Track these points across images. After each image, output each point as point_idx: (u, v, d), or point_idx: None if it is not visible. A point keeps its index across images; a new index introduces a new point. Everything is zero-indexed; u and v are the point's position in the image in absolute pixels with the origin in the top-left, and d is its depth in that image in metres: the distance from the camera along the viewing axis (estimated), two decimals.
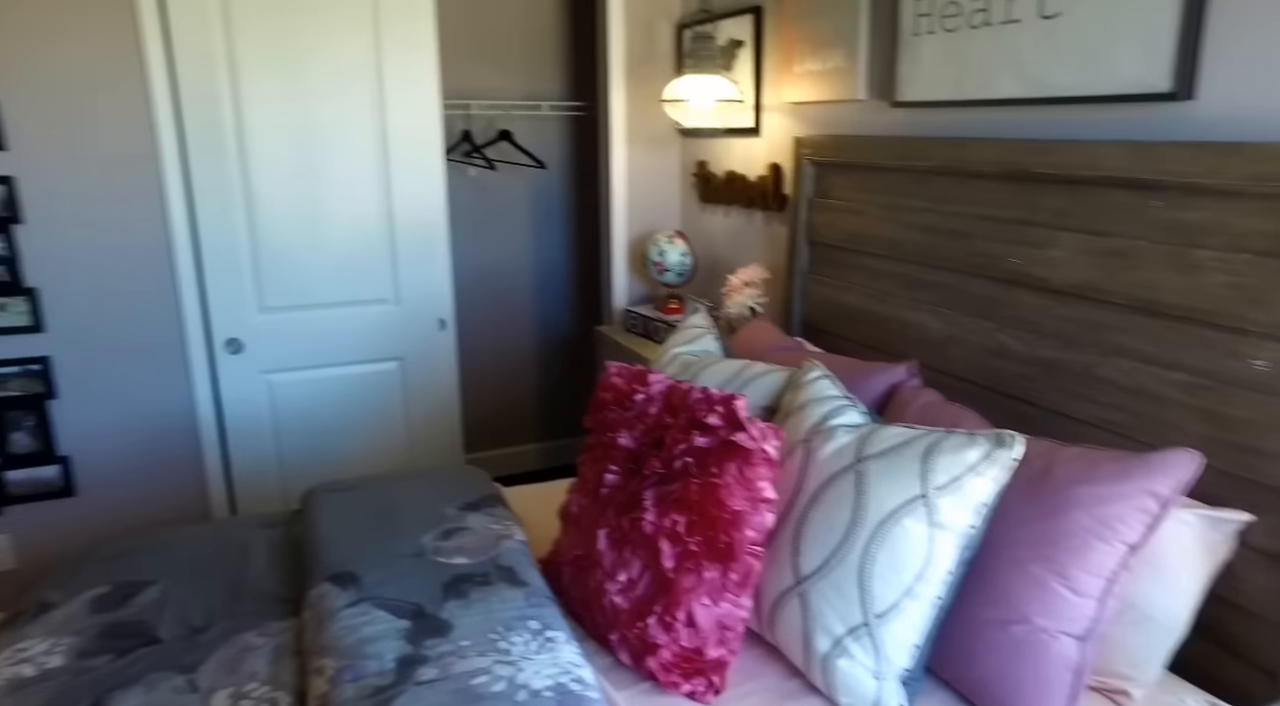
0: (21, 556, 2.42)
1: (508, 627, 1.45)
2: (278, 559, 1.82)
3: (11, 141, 2.20)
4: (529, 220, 3.49)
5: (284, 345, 2.65)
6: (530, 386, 3.65)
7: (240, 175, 2.48)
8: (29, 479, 2.38)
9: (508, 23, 3.26)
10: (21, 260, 2.27)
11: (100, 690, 1.41)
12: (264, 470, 2.69)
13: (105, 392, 2.44)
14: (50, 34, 2.19)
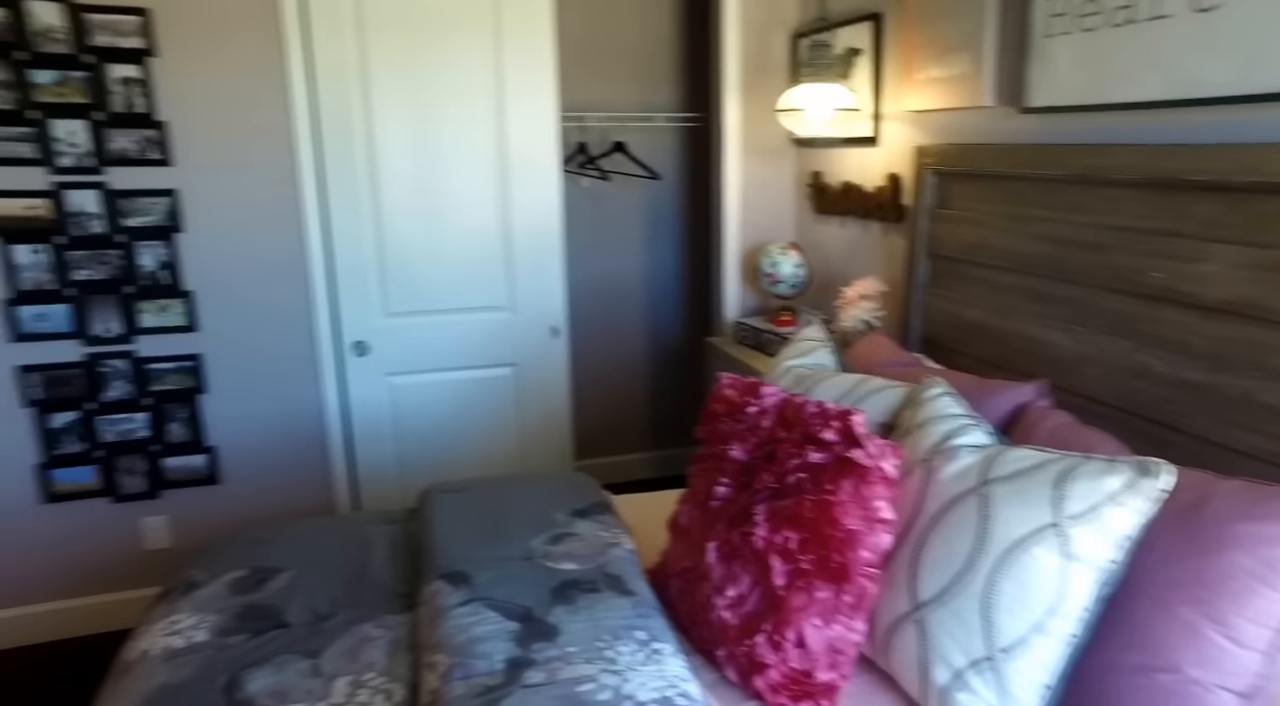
0: (176, 536, 2.63)
1: (615, 636, 1.45)
2: (396, 554, 1.90)
3: (176, 158, 2.40)
4: (641, 231, 3.53)
5: (406, 349, 2.77)
6: (640, 395, 3.67)
7: (369, 187, 2.62)
8: (182, 466, 2.59)
9: (623, 36, 3.31)
10: (181, 265, 2.47)
11: (236, 667, 1.50)
12: (385, 468, 2.82)
13: (247, 389, 2.61)
14: (210, 61, 2.38)
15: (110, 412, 2.49)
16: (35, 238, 2.32)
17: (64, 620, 2.58)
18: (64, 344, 2.41)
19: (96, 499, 2.54)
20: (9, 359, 2.37)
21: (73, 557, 2.55)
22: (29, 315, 2.36)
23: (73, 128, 2.29)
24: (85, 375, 2.44)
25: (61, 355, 2.41)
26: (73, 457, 2.48)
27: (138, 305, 2.44)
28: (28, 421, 2.43)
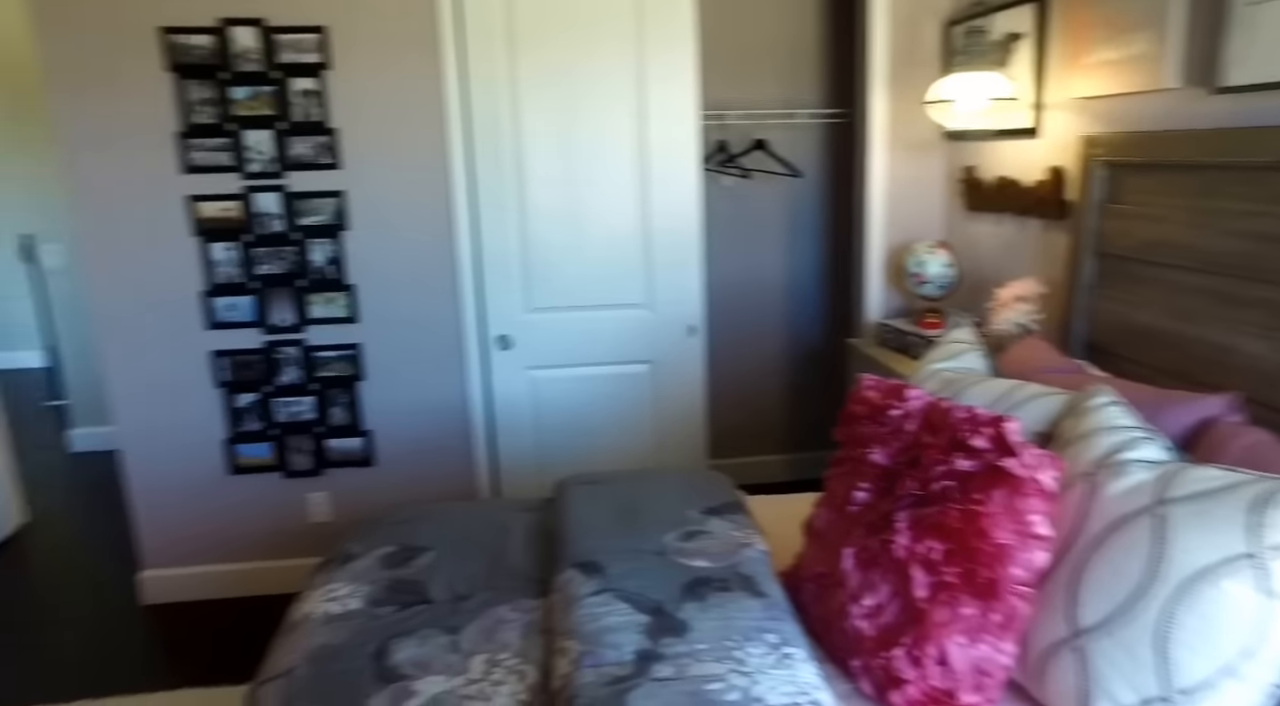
0: (335, 511, 2.84)
1: (745, 637, 1.43)
2: (532, 541, 1.96)
3: (345, 161, 2.59)
4: (782, 229, 3.47)
5: (547, 343, 2.85)
6: (777, 397, 3.62)
7: (515, 187, 2.71)
8: (342, 447, 2.79)
9: (765, 33, 3.26)
10: (345, 261, 2.66)
11: (385, 635, 1.60)
12: (523, 458, 2.92)
13: (400, 378, 2.78)
14: (376, 72, 2.55)
15: (283, 395, 2.71)
16: (228, 236, 2.57)
17: (241, 580, 2.84)
18: (248, 332, 2.66)
19: (271, 473, 2.78)
20: (205, 344, 2.64)
21: (250, 525, 2.81)
22: (222, 305, 2.62)
23: (261, 137, 2.51)
24: (264, 361, 2.68)
25: (246, 342, 2.66)
26: (253, 435, 2.73)
27: (308, 297, 2.65)
28: (218, 400, 2.70)
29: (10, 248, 5.12)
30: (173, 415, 2.68)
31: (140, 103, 2.46)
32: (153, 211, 2.53)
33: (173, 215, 2.54)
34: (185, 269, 2.58)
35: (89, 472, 4.04)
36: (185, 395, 2.67)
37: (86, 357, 4.20)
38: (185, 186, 2.52)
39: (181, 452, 2.72)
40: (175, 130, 2.49)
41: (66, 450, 4.31)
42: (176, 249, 2.56)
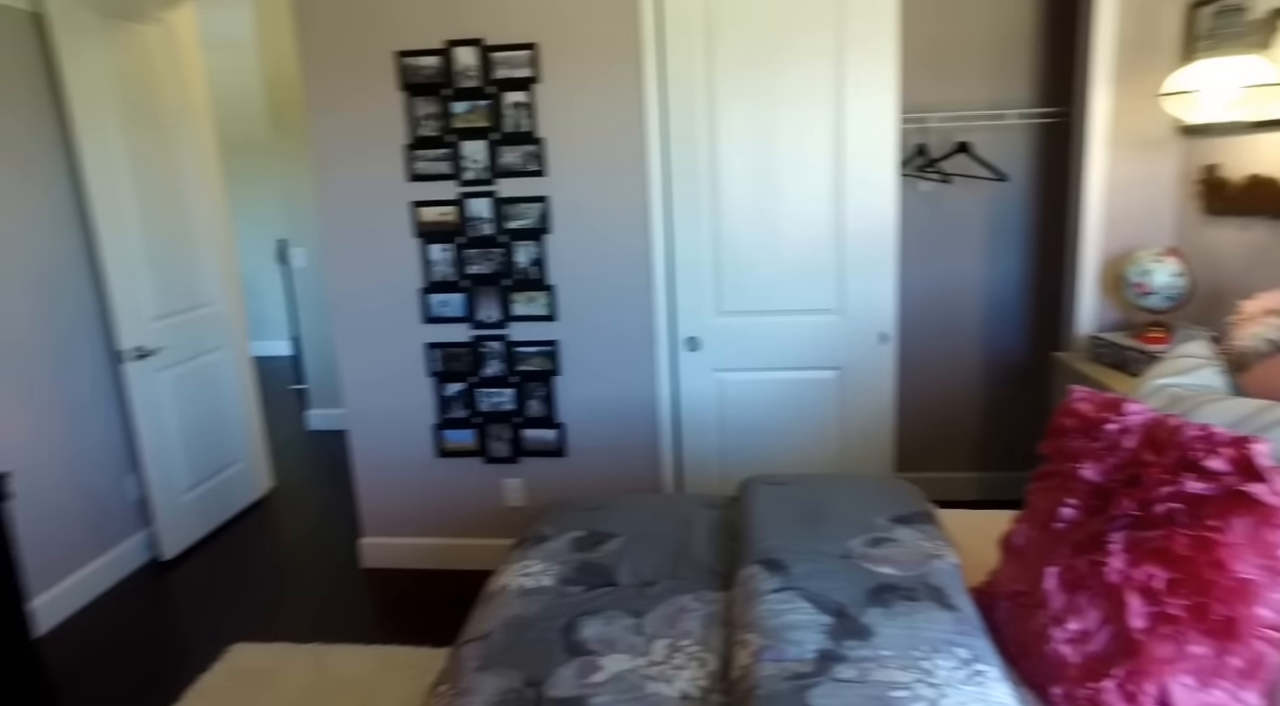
0: (528, 497, 3.03)
1: (934, 648, 1.38)
2: (715, 536, 1.99)
3: (549, 168, 2.76)
4: (983, 235, 3.29)
5: (735, 346, 2.88)
6: (972, 411, 3.43)
7: (709, 191, 2.77)
8: (537, 438, 2.97)
9: (973, 31, 3.11)
10: (547, 262, 2.83)
11: (573, 612, 1.69)
12: (707, 457, 2.97)
13: (592, 374, 2.92)
14: (579, 83, 2.70)
15: (487, 387, 2.94)
16: (444, 238, 2.82)
17: (442, 553, 3.10)
18: (458, 327, 2.90)
19: (473, 458, 3.01)
20: (421, 337, 2.92)
21: (452, 504, 3.06)
22: (436, 302, 2.88)
23: (476, 147, 2.74)
24: (471, 353, 2.91)
25: (456, 336, 2.91)
26: (459, 422, 2.97)
27: (512, 296, 2.85)
28: (430, 389, 2.96)
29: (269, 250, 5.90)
30: (391, 401, 2.98)
31: (376, 118, 2.76)
32: (383, 215, 2.83)
33: (399, 219, 2.83)
34: (407, 268, 2.86)
35: (322, 449, 4.57)
36: (402, 383, 2.96)
37: (323, 348, 4.76)
38: (410, 193, 2.80)
39: (398, 435, 3.01)
40: (404, 142, 2.77)
41: (305, 428, 4.90)
42: (401, 249, 2.85)
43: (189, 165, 3.44)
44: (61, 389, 2.90)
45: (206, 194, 3.55)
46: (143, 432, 3.13)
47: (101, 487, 3.07)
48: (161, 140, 3.28)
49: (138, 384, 3.10)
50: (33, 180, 2.80)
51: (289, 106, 4.46)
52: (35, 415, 2.79)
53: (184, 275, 3.39)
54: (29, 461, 2.75)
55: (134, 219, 3.11)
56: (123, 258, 3.04)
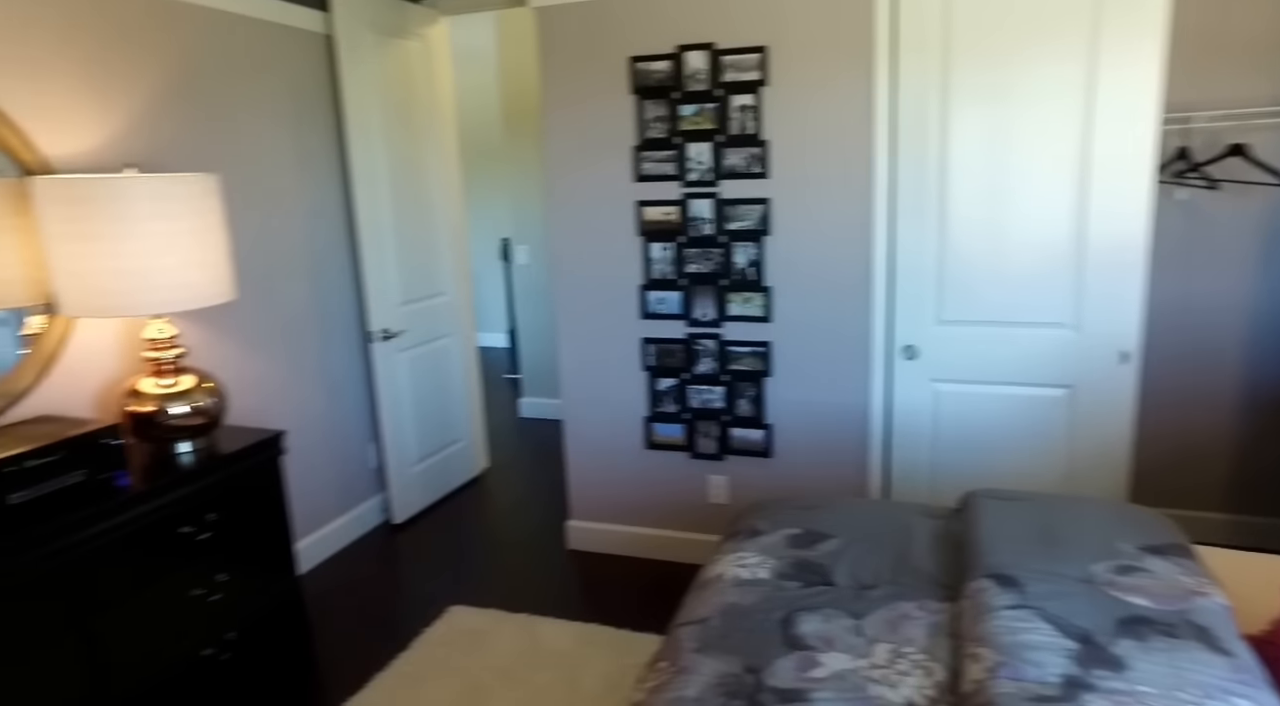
0: (732, 495, 3.07)
1: (1205, 694, 1.26)
2: (937, 547, 1.92)
3: (772, 171, 2.79)
4: (1253, 249, 2.93)
5: (955, 357, 2.76)
6: (1224, 446, 3.06)
7: (937, 197, 2.67)
8: (744, 437, 3.01)
9: (1249, 18, 2.78)
10: (764, 264, 2.86)
11: (791, 607, 1.70)
12: (917, 468, 2.86)
13: (803, 377, 2.91)
14: (806, 85, 2.70)
15: (698, 383, 3.01)
16: (665, 237, 2.93)
17: (643, 542, 3.21)
18: (673, 323, 2.99)
19: (680, 452, 3.09)
20: (639, 332, 3.04)
21: (657, 496, 3.16)
22: (654, 299, 2.99)
23: (701, 149, 2.82)
24: (685, 350, 3.00)
25: (671, 332, 3.00)
26: (669, 416, 3.07)
27: (728, 296, 2.91)
28: (644, 382, 3.08)
29: (493, 248, 6.40)
30: (606, 391, 3.13)
31: (607, 121, 2.91)
32: (608, 214, 2.98)
33: (623, 218, 2.97)
34: (629, 265, 3.00)
35: (532, 435, 4.87)
36: (618, 375, 3.10)
37: (537, 341, 5.07)
38: (636, 193, 2.93)
39: (610, 424, 3.16)
40: (632, 144, 2.90)
41: (517, 415, 5.25)
42: (624, 247, 2.99)
43: (434, 166, 3.80)
44: (325, 362, 3.30)
45: (448, 193, 3.91)
46: (383, 406, 3.49)
47: (350, 453, 3.46)
48: (413, 143, 3.65)
49: (382, 362, 3.46)
50: (313, 175, 3.21)
51: (520, 115, 4.81)
52: (305, 383, 3.20)
53: (425, 266, 3.74)
54: (297, 423, 3.16)
55: (387, 212, 3.48)
56: (377, 247, 3.42)
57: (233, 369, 2.84)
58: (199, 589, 2.17)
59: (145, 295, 2.05)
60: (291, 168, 3.09)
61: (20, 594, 1.73)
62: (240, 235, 2.87)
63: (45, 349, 2.21)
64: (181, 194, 2.08)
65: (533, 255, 5.02)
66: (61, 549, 1.81)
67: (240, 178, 2.87)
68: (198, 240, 2.13)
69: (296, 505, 3.10)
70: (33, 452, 1.82)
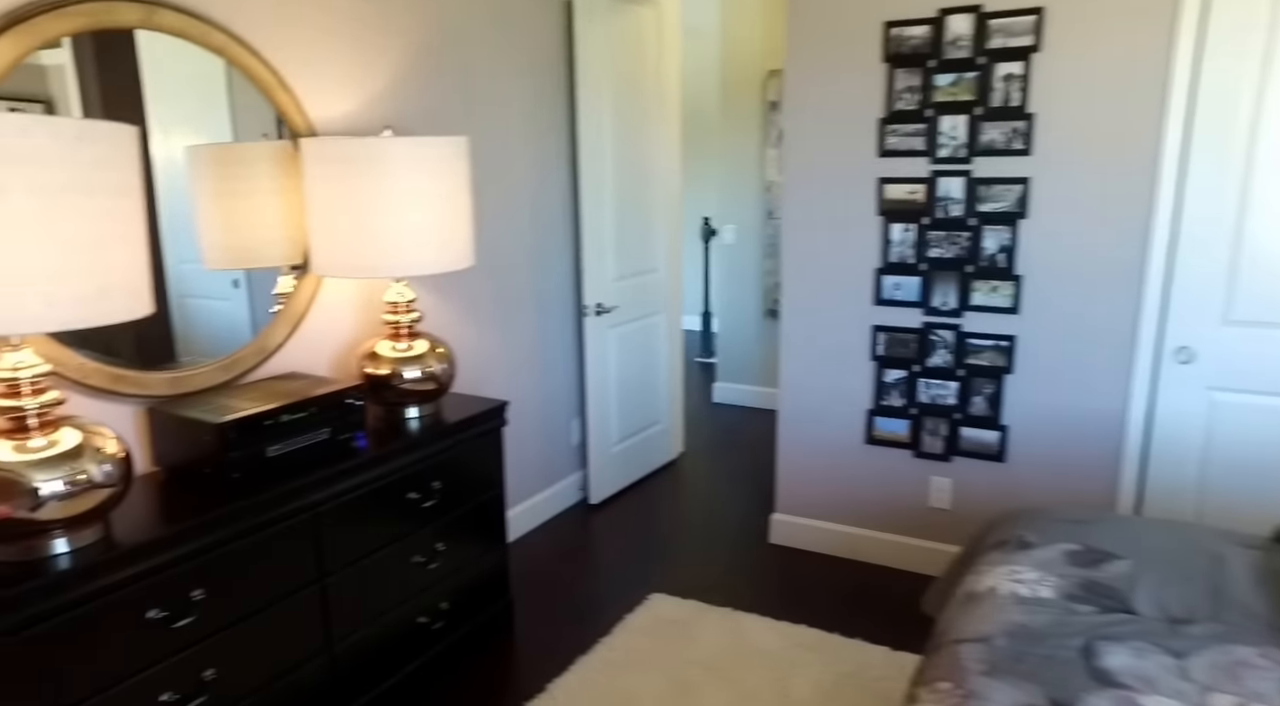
0: (955, 500, 2.84)
1: None
2: (1264, 582, 1.63)
3: (1035, 147, 2.51)
4: None
5: (1241, 363, 2.38)
6: None
7: (1239, 181, 2.30)
8: (975, 438, 2.75)
9: None
10: (1017, 250, 2.59)
11: (1090, 635, 1.49)
12: (1180, 488, 2.51)
13: (1051, 376, 2.62)
14: (1087, 53, 2.40)
15: (929, 377, 2.78)
16: (907, 218, 2.72)
17: (854, 543, 3.03)
18: (908, 311, 2.78)
19: (902, 450, 2.88)
20: (870, 318, 2.86)
21: (872, 495, 2.97)
22: (890, 284, 2.79)
23: (955, 123, 2.59)
24: (918, 341, 2.78)
25: (905, 320, 2.79)
26: (893, 410, 2.86)
27: (972, 284, 2.66)
28: (870, 373, 2.89)
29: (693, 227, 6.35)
30: (827, 380, 2.96)
31: (854, 91, 2.73)
32: (847, 191, 2.81)
33: (863, 196, 2.78)
34: (865, 246, 2.81)
35: (726, 421, 4.78)
36: (842, 363, 2.93)
37: (736, 325, 4.97)
38: (878, 169, 2.74)
39: (828, 415, 2.99)
40: (879, 117, 2.71)
41: (710, 400, 5.18)
42: (861, 227, 2.80)
43: (657, 138, 3.76)
44: (540, 333, 3.35)
45: (668, 166, 3.86)
46: (591, 382, 3.50)
47: (555, 427, 3.50)
48: (638, 114, 3.61)
49: (593, 337, 3.47)
50: (542, 142, 3.24)
51: (738, 90, 4.70)
52: (519, 354, 3.25)
53: (640, 241, 3.71)
54: (510, 394, 3.22)
55: (609, 184, 3.47)
56: (597, 219, 3.41)
57: (455, 335, 2.92)
58: (420, 556, 2.21)
59: (393, 257, 2.11)
60: (522, 133, 3.13)
61: (270, 546, 1.79)
62: (475, 202, 2.94)
63: (295, 307, 2.32)
64: (435, 156, 2.12)
65: (740, 235, 4.90)
66: (308, 505, 1.87)
67: (476, 143, 2.92)
68: (446, 205, 2.17)
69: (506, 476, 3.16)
70: (287, 407, 1.89)
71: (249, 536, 1.74)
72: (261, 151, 2.17)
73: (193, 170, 2.05)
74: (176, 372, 2.01)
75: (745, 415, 4.86)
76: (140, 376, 1.93)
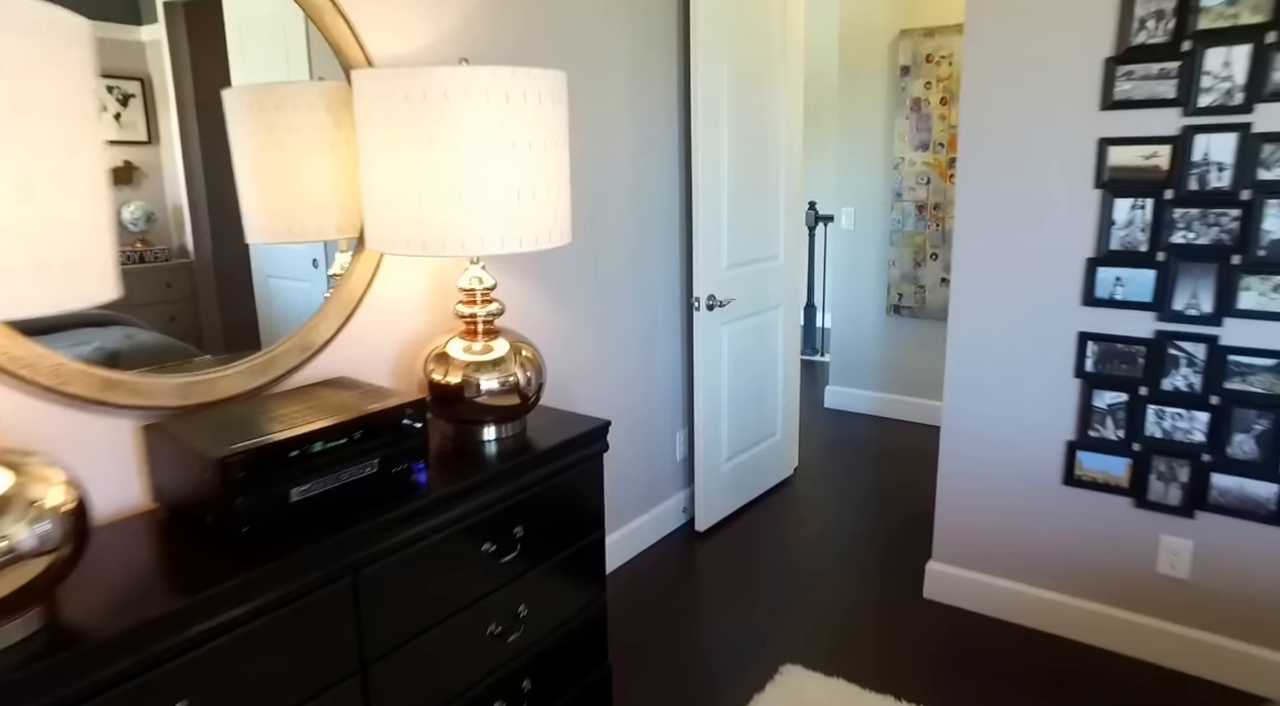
0: (1197, 569, 2.13)
1: None
2: None
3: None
4: None
5: None
6: None
7: None
8: (1236, 490, 2.04)
9: None
10: None
11: None
12: None
13: None
14: None
15: (1162, 403, 2.09)
16: (1141, 191, 2.03)
17: (1041, 609, 2.37)
18: (1134, 315, 2.10)
19: (1117, 495, 2.20)
20: (1077, 323, 2.18)
21: (1070, 549, 2.29)
22: (1107, 278, 2.11)
23: (1229, 58, 1.88)
24: (1150, 355, 2.09)
25: (1130, 327, 2.11)
26: (1106, 444, 2.18)
27: (1242, 280, 1.95)
28: (1074, 393, 2.22)
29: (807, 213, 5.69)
30: (1011, 398, 2.31)
31: (1068, 23, 2.06)
32: (1050, 158, 2.14)
33: (1075, 163, 2.11)
34: (1074, 229, 2.14)
35: (841, 430, 4.14)
36: (1033, 377, 2.26)
37: (851, 318, 4.31)
38: (1100, 127, 2.06)
39: (1010, 443, 2.33)
40: (1106, 54, 2.03)
41: (820, 405, 4.54)
42: (1069, 203, 2.13)
43: (779, 106, 3.15)
44: (641, 330, 2.79)
45: (790, 139, 3.25)
46: (700, 388, 2.93)
47: (659, 440, 2.96)
48: (760, 81, 3.01)
49: (703, 335, 2.90)
50: (649, 105, 2.69)
51: (863, 52, 4.08)
52: (617, 354, 2.71)
53: (758, 224, 3.12)
54: (607, 403, 2.68)
55: (725, 157, 2.88)
56: (712, 196, 2.84)
57: (542, 333, 2.39)
58: (497, 625, 1.68)
59: (468, 229, 1.56)
60: (627, 92, 2.57)
61: (292, 627, 1.29)
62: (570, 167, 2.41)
63: (347, 293, 1.83)
64: (528, 93, 1.57)
65: (859, 220, 4.25)
66: (346, 567, 1.35)
67: (570, 98, 2.38)
68: (540, 160, 1.62)
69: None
70: (322, 432, 1.39)
71: (260, 617, 1.24)
72: (310, 94, 1.68)
73: (230, 118, 1.58)
74: (190, 377, 1.54)
75: (863, 424, 4.21)
76: (139, 382, 1.46)
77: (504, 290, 2.21)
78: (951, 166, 3.94)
